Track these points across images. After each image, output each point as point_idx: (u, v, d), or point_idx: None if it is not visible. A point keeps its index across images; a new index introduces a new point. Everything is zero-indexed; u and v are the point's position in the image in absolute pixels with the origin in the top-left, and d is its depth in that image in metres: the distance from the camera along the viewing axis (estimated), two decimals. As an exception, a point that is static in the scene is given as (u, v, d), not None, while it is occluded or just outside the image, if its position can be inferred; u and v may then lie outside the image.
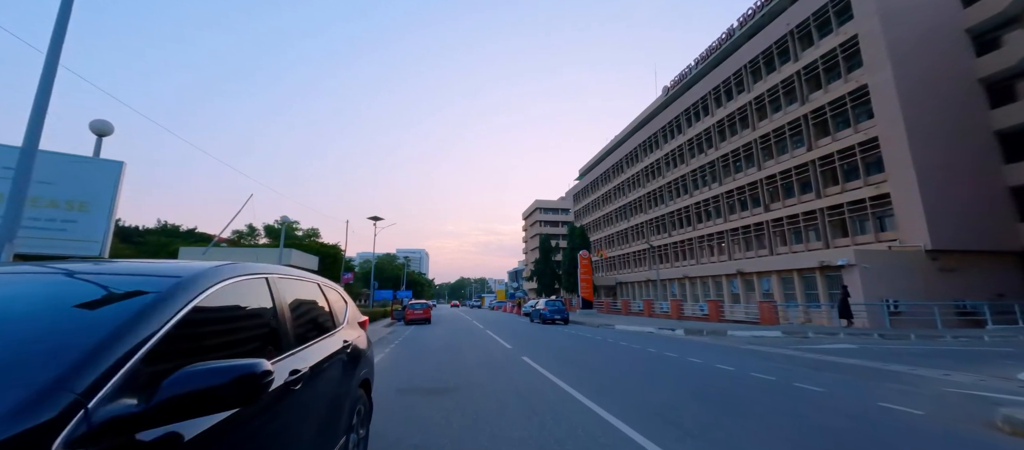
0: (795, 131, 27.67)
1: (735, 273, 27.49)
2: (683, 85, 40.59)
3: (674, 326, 17.97)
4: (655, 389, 6.21)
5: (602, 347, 11.82)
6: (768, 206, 29.38)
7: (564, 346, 12.02)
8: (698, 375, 7.40)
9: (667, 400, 5.51)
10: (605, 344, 12.61)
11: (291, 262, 23.82)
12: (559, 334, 16.13)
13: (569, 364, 8.69)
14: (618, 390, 6.14)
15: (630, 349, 11.35)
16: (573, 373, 7.56)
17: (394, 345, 12.90)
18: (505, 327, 20.40)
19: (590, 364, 8.70)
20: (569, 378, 7.02)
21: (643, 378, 7.16)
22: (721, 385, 6.49)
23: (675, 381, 6.82)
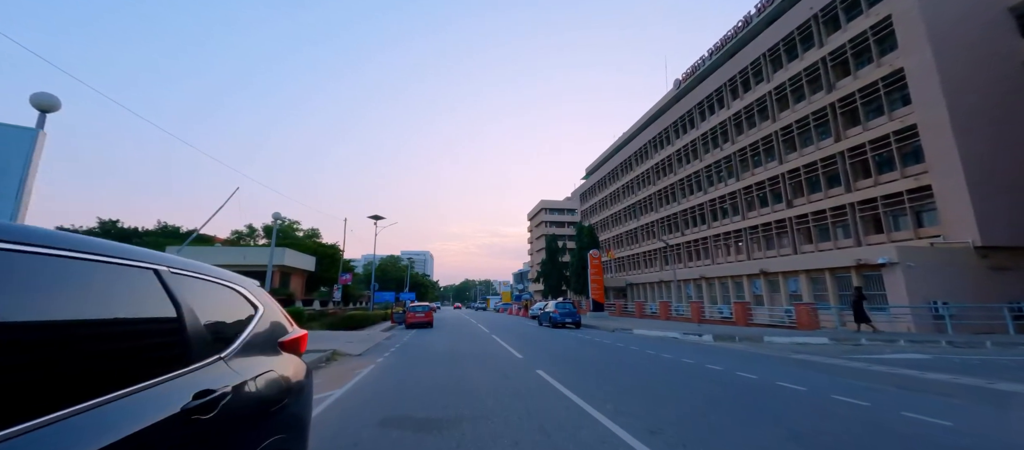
0: (821, 121, 25.94)
1: (758, 273, 25.76)
2: (696, 77, 38.93)
3: (699, 331, 16.34)
4: (727, 427, 4.63)
5: (628, 357, 10.23)
6: (791, 202, 27.63)
7: (583, 356, 10.44)
8: (767, 399, 5.82)
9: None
10: (630, 353, 11.02)
11: (284, 262, 22.46)
12: (573, 340, 14.56)
13: (596, 380, 7.13)
14: (678, 426, 4.56)
15: (660, 359, 9.76)
16: (607, 395, 6.00)
17: (388, 354, 11.39)
18: (512, 331, 18.85)
19: (624, 382, 7.13)
20: (604, 404, 5.47)
21: (699, 406, 5.58)
22: (812, 419, 4.90)
23: (746, 412, 5.23)
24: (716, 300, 30.64)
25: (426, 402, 5.69)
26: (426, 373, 8.08)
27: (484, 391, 6.30)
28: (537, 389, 6.45)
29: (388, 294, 52.11)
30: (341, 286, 27.24)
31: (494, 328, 21.43)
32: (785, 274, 24.12)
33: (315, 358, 9.62)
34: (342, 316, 19.69)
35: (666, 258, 40.72)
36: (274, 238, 19.08)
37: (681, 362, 9.28)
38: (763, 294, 25.16)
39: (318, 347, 11.46)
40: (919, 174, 20.45)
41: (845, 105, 24.35)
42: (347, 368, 8.93)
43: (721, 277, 30.25)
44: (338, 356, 10.69)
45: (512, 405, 5.45)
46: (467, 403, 5.58)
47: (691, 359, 9.64)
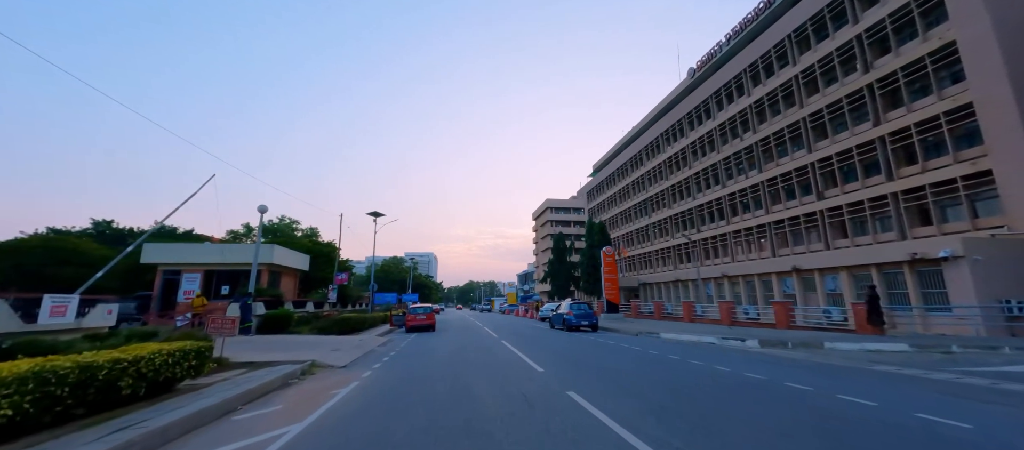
0: (856, 105, 23.81)
1: (790, 270, 23.61)
2: (712, 64, 36.83)
3: (739, 335, 14.30)
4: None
5: (674, 371, 8.25)
6: (822, 193, 25.49)
7: (618, 369, 8.46)
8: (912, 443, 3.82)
9: None
10: (671, 364, 9.05)
11: (273, 260, 20.65)
12: (596, 347, 12.57)
13: (656, 410, 5.16)
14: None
15: (716, 374, 7.79)
16: (687, 438, 4.02)
17: (379, 365, 9.47)
18: (523, 336, 16.90)
19: (691, 412, 5.14)
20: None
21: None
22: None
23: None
24: (740, 299, 28.51)
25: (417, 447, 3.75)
26: (422, 396, 6.16)
27: (503, 433, 4.34)
28: (580, 428, 4.49)
29: (390, 295, 50.29)
30: (336, 286, 25.47)
31: (502, 332, 19.49)
32: (822, 271, 21.99)
33: (284, 373, 7.72)
34: (335, 319, 17.85)
35: (684, 255, 38.60)
36: (260, 233, 17.25)
37: (745, 377, 7.30)
38: (796, 293, 23.02)
39: (293, 358, 9.58)
40: (976, 158, 18.30)
41: (885, 86, 22.23)
42: (322, 387, 7.02)
43: (746, 275, 28.08)
44: (317, 369, 8.79)
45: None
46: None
47: (759, 374, 7.65)
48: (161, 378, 5.92)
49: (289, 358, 9.62)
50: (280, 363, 9.05)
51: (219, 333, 8.78)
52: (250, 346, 12.15)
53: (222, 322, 8.81)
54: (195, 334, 8.57)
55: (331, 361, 9.60)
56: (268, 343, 13.03)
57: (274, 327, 16.84)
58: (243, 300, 15.49)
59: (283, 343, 13.16)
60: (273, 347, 12.04)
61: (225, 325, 8.74)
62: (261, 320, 16.85)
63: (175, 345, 6.42)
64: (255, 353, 10.65)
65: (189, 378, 6.74)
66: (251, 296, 15.73)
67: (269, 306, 18.02)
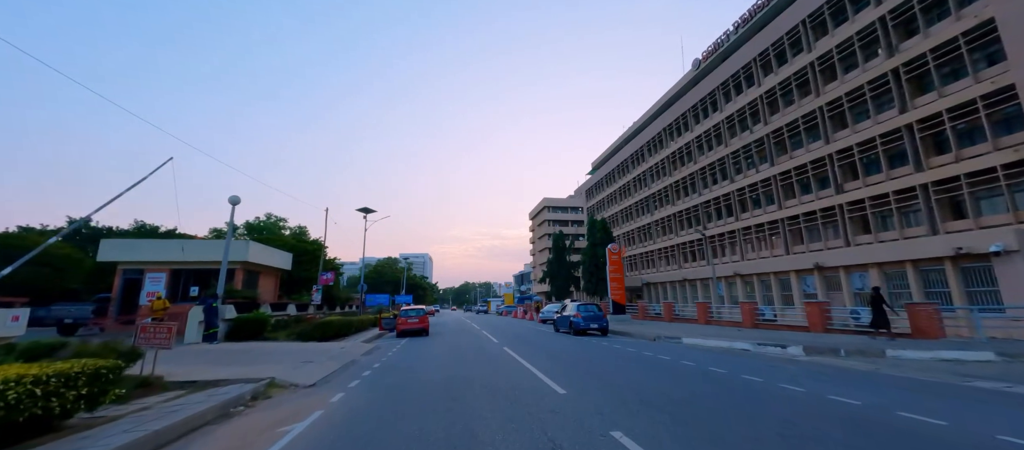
0: (879, 91, 22.32)
1: (811, 268, 22.05)
2: (719, 55, 35.31)
3: (775, 340, 12.60)
4: None
5: (728, 390, 6.52)
6: (841, 186, 23.95)
7: (661, 389, 6.67)
8: None
9: None
10: (723, 381, 7.31)
11: (247, 258, 18.66)
12: (617, 356, 10.80)
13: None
14: None
15: (793, 398, 6.07)
16: None
17: (357, 383, 7.64)
18: (528, 342, 15.10)
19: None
20: None
21: None
22: None
23: None
24: (754, 299, 26.93)
25: None
26: (405, 439, 4.33)
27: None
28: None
29: (382, 297, 48.26)
30: (321, 287, 23.50)
31: (503, 336, 17.68)
32: (847, 268, 20.43)
33: (228, 399, 5.87)
34: (316, 323, 15.95)
35: (690, 254, 37.04)
36: (231, 226, 15.33)
37: (827, 400, 5.58)
38: (817, 292, 21.45)
39: (250, 374, 7.71)
40: (1018, 146, 16.82)
41: (912, 70, 20.74)
42: (269, 422, 5.18)
43: (762, 274, 26.52)
44: (274, 390, 6.93)
45: None
46: None
47: (849, 397, 5.90)
48: (24, 416, 4.05)
49: (245, 374, 7.75)
50: (230, 382, 7.19)
51: (150, 344, 6.90)
52: (206, 358, 10.25)
53: (154, 332, 6.93)
54: (119, 346, 6.69)
55: (297, 378, 7.74)
56: (231, 353, 11.13)
57: (246, 333, 14.91)
58: (207, 302, 13.56)
59: (249, 353, 11.26)
60: (235, 358, 10.15)
61: (157, 335, 6.86)
62: (231, 325, 14.91)
63: (58, 366, 4.57)
64: (207, 367, 8.77)
65: (83, 411, 4.86)
66: (216, 298, 13.81)
67: (242, 309, 16.07)
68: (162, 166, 12.11)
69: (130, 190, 11.26)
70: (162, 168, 12.06)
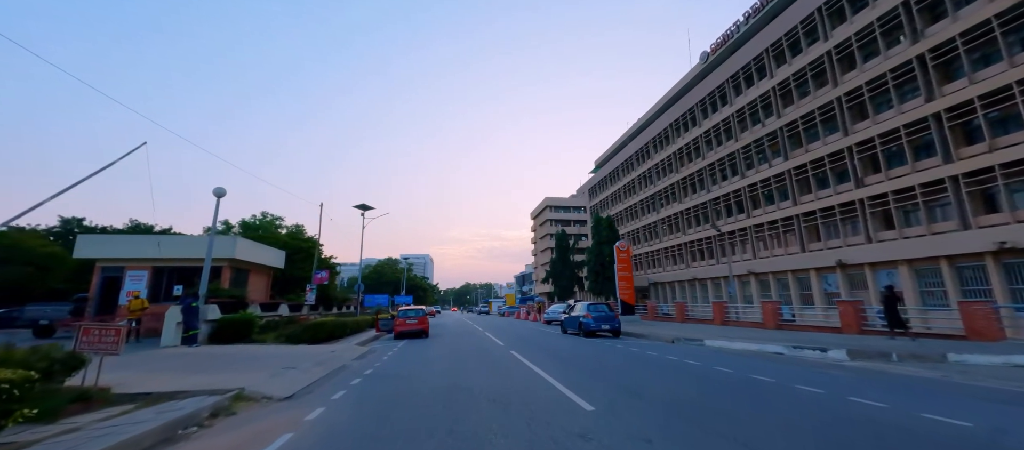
0: (903, 79, 21.18)
1: (833, 265, 20.89)
2: (728, 47, 34.15)
3: (809, 342, 11.46)
4: None
5: (806, 409, 5.37)
6: (862, 180, 22.80)
7: (706, 404, 5.53)
8: None
9: None
10: (776, 392, 6.19)
11: (235, 255, 17.55)
12: (638, 361, 9.66)
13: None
14: None
15: (877, 416, 4.93)
16: None
17: (341, 395, 6.53)
18: (536, 345, 13.96)
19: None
20: None
21: None
22: None
23: None
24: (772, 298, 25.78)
25: None
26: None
27: None
28: None
29: (381, 297, 47.14)
30: (315, 287, 22.40)
31: (508, 338, 16.55)
32: (873, 266, 19.27)
33: (178, 418, 4.75)
34: (307, 325, 14.84)
35: (698, 252, 35.88)
36: (214, 220, 14.24)
37: (929, 420, 4.45)
38: (841, 291, 20.30)
39: (218, 384, 6.59)
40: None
41: (939, 56, 19.62)
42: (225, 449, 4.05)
43: (778, 272, 25.35)
44: (241, 405, 5.80)
45: None
46: None
47: (966, 419, 4.76)
48: None
49: (212, 384, 6.63)
50: (191, 394, 6.07)
51: (93, 349, 5.78)
52: (176, 364, 9.15)
53: (99, 335, 5.82)
54: (53, 353, 5.58)
55: (272, 388, 6.62)
56: (208, 358, 10.02)
57: (231, 335, 13.81)
58: (186, 302, 12.45)
59: (228, 358, 10.15)
60: (209, 364, 9.05)
61: (103, 339, 5.75)
62: (214, 327, 13.80)
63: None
64: (172, 375, 7.66)
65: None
66: (196, 297, 12.70)
67: (228, 309, 14.98)
68: (134, 151, 11.02)
69: (97, 174, 10.18)
70: (135, 153, 10.96)
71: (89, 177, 9.87)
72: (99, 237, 16.86)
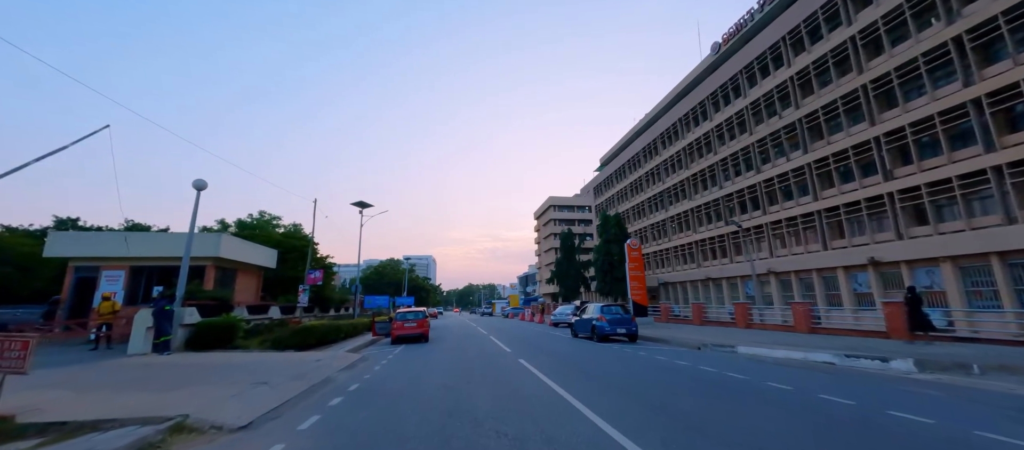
0: (937, 64, 19.72)
1: (865, 263, 19.43)
2: (742, 36, 32.72)
3: (864, 350, 10.06)
4: None
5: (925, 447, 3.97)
6: (891, 173, 21.33)
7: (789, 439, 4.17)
8: None
9: None
10: (868, 423, 4.83)
11: (219, 254, 16.29)
12: (677, 376, 8.30)
13: None
14: None
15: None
16: None
17: (311, 424, 5.23)
18: (546, 351, 12.60)
19: None
20: None
21: None
22: None
23: None
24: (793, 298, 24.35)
25: None
26: None
27: None
28: None
29: (382, 298, 45.92)
30: (308, 287, 21.13)
31: (515, 344, 15.21)
32: (910, 263, 17.82)
33: None
34: (295, 329, 13.56)
35: (711, 251, 34.41)
36: (194, 215, 12.98)
37: None
38: (872, 291, 18.86)
39: (156, 409, 5.28)
40: (1124, 115, 14.21)
41: (978, 37, 18.16)
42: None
43: (801, 271, 23.86)
44: (177, 440, 4.50)
45: None
46: None
47: None
48: None
49: (152, 408, 5.34)
50: (121, 423, 4.78)
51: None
52: (130, 377, 7.87)
53: (0, 350, 4.53)
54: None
55: (227, 413, 5.30)
56: (170, 369, 8.75)
57: (211, 341, 12.55)
58: (158, 304, 11.18)
59: (197, 368, 8.87)
60: (167, 378, 7.78)
61: (6, 355, 4.46)
62: (192, 332, 12.53)
63: None
64: (110, 394, 6.36)
65: None
66: (169, 299, 11.43)
67: (210, 312, 13.71)
68: (97, 132, 9.79)
69: (52, 155, 8.95)
70: (103, 140, 9.72)
71: (47, 155, 8.64)
72: (72, 234, 15.68)
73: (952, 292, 15.96)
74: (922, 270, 17.61)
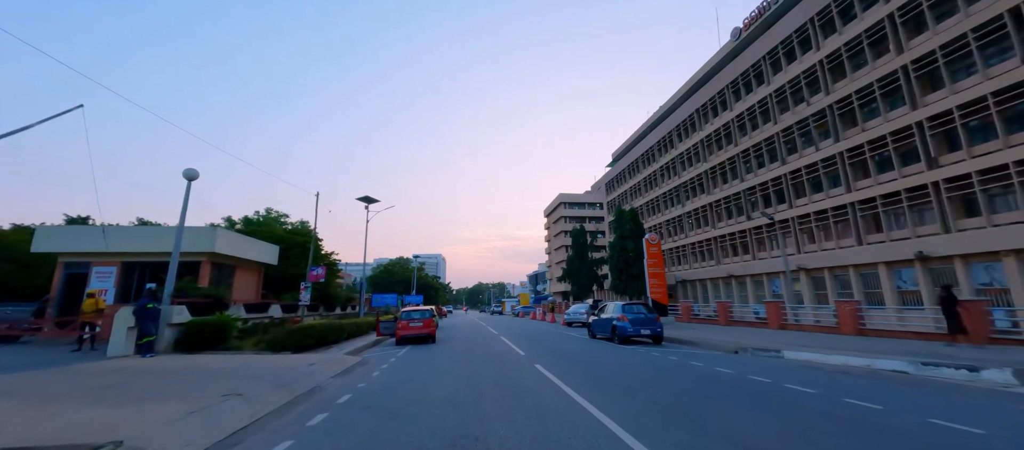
0: (989, 40, 17.98)
1: (912, 258, 17.82)
2: (764, 20, 31.04)
3: (940, 356, 8.67)
4: None
5: None
6: (935, 160, 19.63)
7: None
8: None
9: None
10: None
11: (215, 249, 15.38)
12: (728, 387, 7.02)
13: None
14: None
15: None
16: None
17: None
18: (568, 356, 11.37)
19: None
20: None
21: None
22: None
23: None
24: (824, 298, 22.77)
25: None
26: None
27: None
28: None
29: (389, 296, 45.04)
30: (310, 285, 20.21)
31: (529, 346, 14.04)
32: (965, 258, 16.20)
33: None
34: (291, 329, 12.58)
35: (732, 248, 32.82)
36: (184, 209, 12.06)
37: None
38: (920, 289, 17.25)
39: (89, 433, 4.20)
40: None
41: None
42: None
43: (835, 267, 22.22)
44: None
45: None
46: None
47: None
48: None
49: (87, 430, 4.28)
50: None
51: None
52: (88, 385, 6.88)
53: None
54: None
55: (175, 437, 4.21)
56: (145, 375, 7.77)
57: (202, 342, 11.63)
58: (141, 302, 10.24)
59: (173, 374, 7.88)
60: (133, 387, 6.78)
61: None
62: (181, 332, 11.61)
63: None
64: (56, 406, 5.35)
65: None
66: (153, 297, 10.49)
67: (203, 311, 12.79)
68: (70, 111, 8.87)
69: (22, 131, 8.02)
70: (69, 113, 8.79)
71: (12, 134, 7.71)
72: (61, 228, 14.97)
73: (1017, 289, 14.34)
74: (980, 265, 15.98)
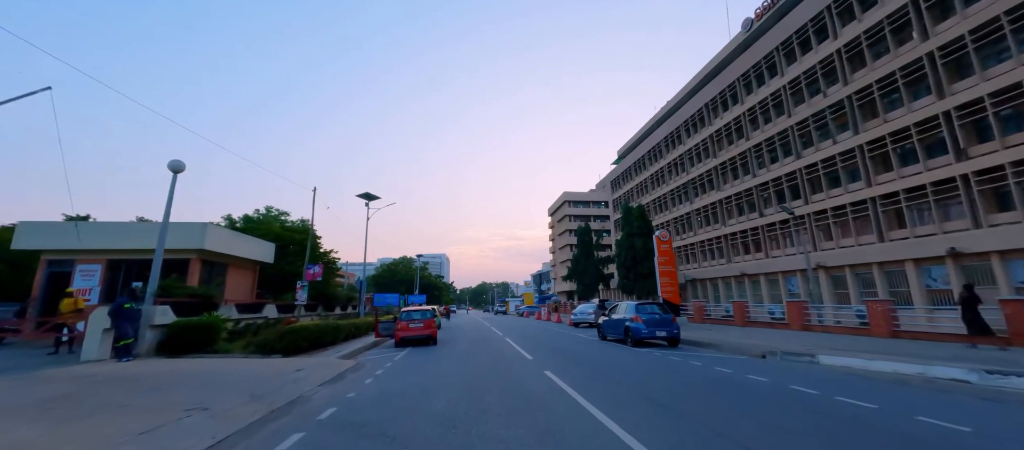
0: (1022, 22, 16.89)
1: (943, 255, 16.80)
2: (777, 10, 29.91)
3: (1008, 364, 7.72)
4: None
5: None
6: (965, 152, 18.57)
7: None
8: None
9: None
10: None
11: (205, 246, 14.63)
12: (766, 401, 6.11)
13: None
14: None
15: None
16: None
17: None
18: (580, 361, 10.47)
19: None
20: None
21: None
22: None
23: None
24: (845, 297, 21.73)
25: None
26: None
27: None
28: None
29: (392, 296, 44.26)
30: (306, 284, 19.46)
31: (536, 349, 13.17)
32: (1003, 254, 15.17)
33: None
34: (283, 330, 11.80)
35: (743, 245, 31.79)
36: (169, 203, 11.30)
37: None
38: (951, 287, 16.23)
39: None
40: None
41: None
42: None
43: (857, 265, 21.18)
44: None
45: None
46: None
47: None
48: None
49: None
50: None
51: None
52: (38, 397, 6.09)
53: None
54: None
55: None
56: (107, 384, 6.99)
57: (188, 344, 10.87)
58: (118, 302, 9.48)
59: (140, 382, 7.10)
60: (84, 398, 6.01)
61: None
62: (164, 333, 10.85)
63: None
64: (6, 419, 4.53)
65: None
66: (132, 296, 9.74)
67: (191, 311, 12.03)
68: (36, 93, 8.14)
69: None
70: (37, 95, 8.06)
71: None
72: (43, 224, 14.25)
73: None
74: (1020, 262, 14.94)
